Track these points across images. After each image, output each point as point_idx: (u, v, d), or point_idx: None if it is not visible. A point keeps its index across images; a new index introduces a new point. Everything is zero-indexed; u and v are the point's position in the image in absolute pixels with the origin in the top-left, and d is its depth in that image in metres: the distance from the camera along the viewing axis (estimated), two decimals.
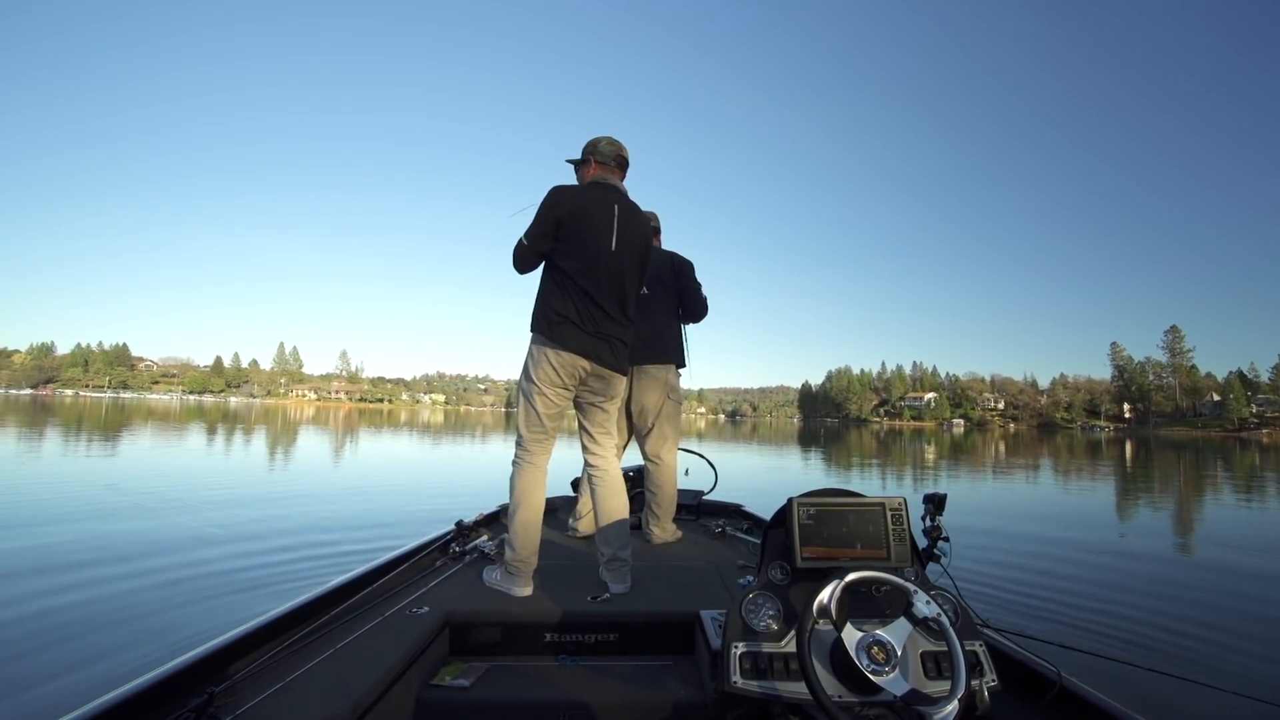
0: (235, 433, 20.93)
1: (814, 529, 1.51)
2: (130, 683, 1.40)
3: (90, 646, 2.94)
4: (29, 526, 5.29)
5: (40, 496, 6.77)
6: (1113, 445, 36.99)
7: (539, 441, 2.45)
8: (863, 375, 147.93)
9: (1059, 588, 4.21)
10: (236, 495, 7.51)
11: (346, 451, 15.75)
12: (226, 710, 1.41)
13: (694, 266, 3.42)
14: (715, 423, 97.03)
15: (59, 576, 3.92)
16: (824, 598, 1.31)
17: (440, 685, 1.82)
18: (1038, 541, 5.75)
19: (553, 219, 2.36)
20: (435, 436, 23.56)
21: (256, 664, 1.62)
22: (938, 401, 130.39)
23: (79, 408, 41.43)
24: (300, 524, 5.84)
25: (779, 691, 1.35)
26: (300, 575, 4.08)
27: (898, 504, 1.55)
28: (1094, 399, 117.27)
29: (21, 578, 3.87)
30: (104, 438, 16.06)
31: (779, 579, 1.54)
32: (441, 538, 2.90)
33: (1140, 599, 3.98)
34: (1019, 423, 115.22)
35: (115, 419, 26.75)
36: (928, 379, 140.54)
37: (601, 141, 2.57)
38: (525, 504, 2.39)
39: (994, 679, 1.40)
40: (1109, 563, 4.92)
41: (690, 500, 3.89)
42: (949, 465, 17.31)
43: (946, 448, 28.01)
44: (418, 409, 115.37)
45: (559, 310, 2.35)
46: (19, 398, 74.48)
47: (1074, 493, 11.52)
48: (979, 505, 9.05)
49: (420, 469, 12.30)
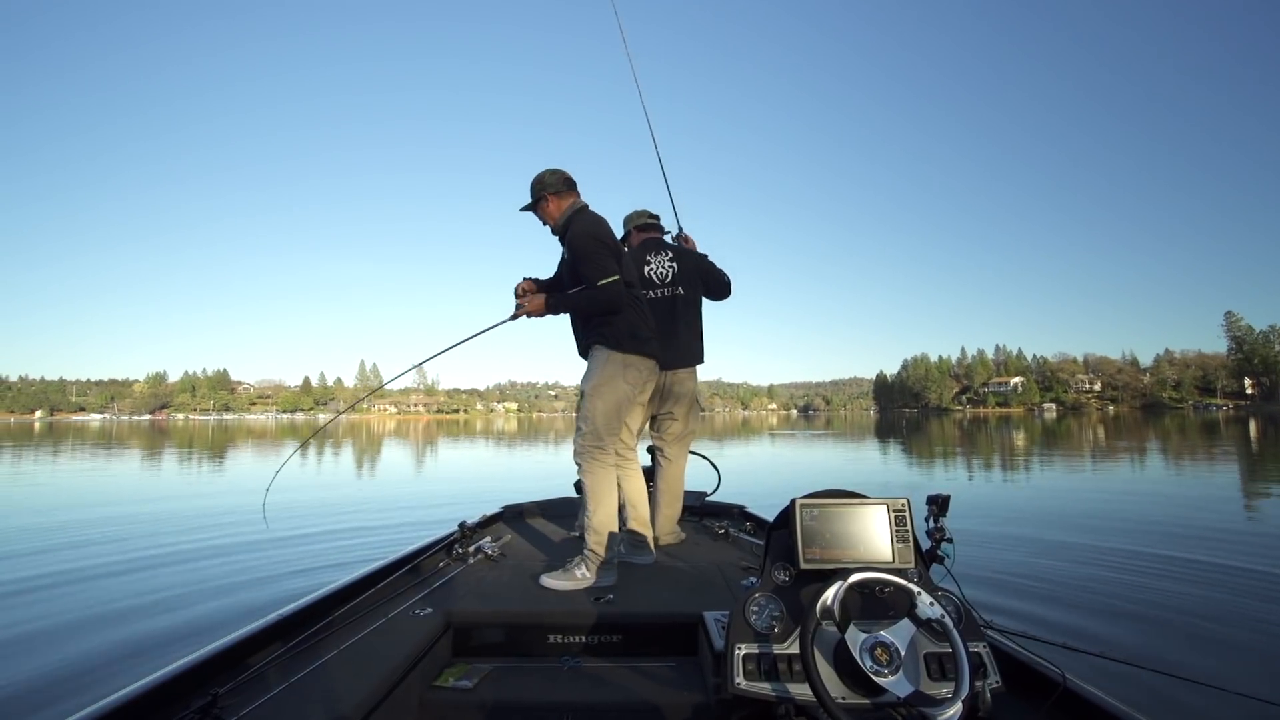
0: (328, 448, 22.18)
1: (817, 530, 1.50)
2: (134, 684, 1.41)
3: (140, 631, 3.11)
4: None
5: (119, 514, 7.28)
6: (1233, 425, 33.70)
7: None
8: (942, 362, 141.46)
9: (1064, 587, 4.11)
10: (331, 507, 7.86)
11: (441, 462, 16.32)
12: (230, 711, 1.41)
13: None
14: (787, 418, 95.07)
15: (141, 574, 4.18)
16: (827, 599, 1.33)
17: (443, 687, 1.83)
18: (1050, 542, 5.49)
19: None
20: (510, 443, 24.13)
21: (260, 665, 1.63)
22: (1025, 386, 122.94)
23: (189, 430, 45.32)
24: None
25: (782, 693, 1.34)
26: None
27: (901, 505, 1.53)
28: (1207, 375, 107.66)
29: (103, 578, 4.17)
30: (214, 456, 17.35)
31: (782, 580, 1.53)
32: (445, 539, 2.92)
33: (1147, 597, 3.86)
34: (1119, 404, 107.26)
35: (220, 439, 28.97)
36: (1013, 362, 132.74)
37: (550, 173, 2.74)
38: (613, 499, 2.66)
39: (998, 680, 1.38)
40: (1118, 563, 4.71)
41: (693, 501, 3.87)
42: (1042, 453, 16.16)
43: (1038, 434, 26.25)
44: (492, 418, 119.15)
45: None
46: (140, 423, 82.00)
47: (1188, 478, 10.46)
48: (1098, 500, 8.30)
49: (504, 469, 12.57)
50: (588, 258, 2.54)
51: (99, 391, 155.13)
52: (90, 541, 5.65)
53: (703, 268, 3.41)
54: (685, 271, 3.31)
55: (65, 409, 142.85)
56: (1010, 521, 6.36)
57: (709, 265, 3.44)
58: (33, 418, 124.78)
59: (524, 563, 2.80)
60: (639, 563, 2.75)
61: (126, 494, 9.40)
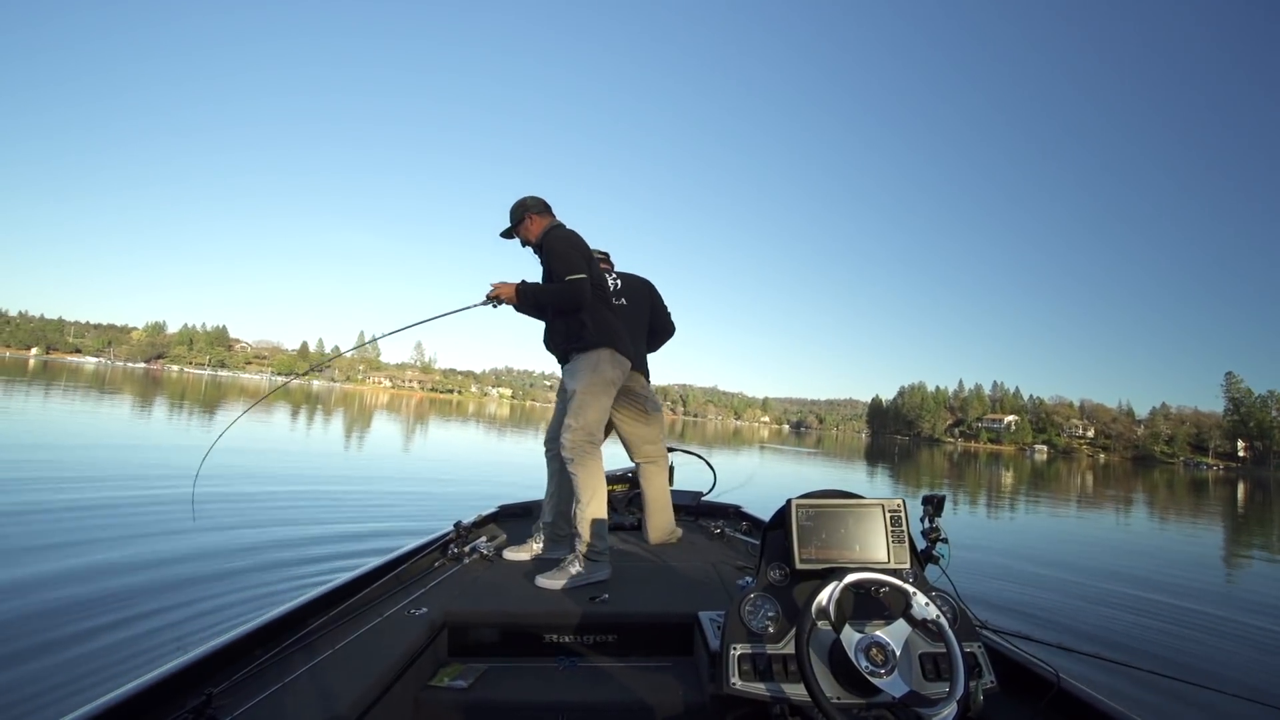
0: (318, 416, 22.12)
1: (813, 530, 1.51)
2: (128, 684, 1.40)
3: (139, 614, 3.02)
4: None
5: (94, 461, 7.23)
6: (1222, 485, 33.70)
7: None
8: (938, 393, 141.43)
9: (1058, 590, 4.15)
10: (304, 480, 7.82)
11: (439, 441, 16.26)
12: (225, 711, 1.40)
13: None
14: (779, 432, 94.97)
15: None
16: (823, 599, 1.32)
17: (439, 686, 1.82)
18: (1046, 553, 5.62)
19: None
20: (500, 429, 24.08)
21: (255, 665, 1.62)
22: (1019, 425, 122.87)
23: (183, 382, 45.03)
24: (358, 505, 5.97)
25: (777, 693, 1.34)
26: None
27: (896, 505, 1.54)
28: (1201, 433, 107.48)
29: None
30: (204, 411, 17.28)
31: (778, 580, 1.53)
32: (440, 539, 2.90)
33: (1138, 602, 3.93)
34: (1110, 453, 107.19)
35: (213, 395, 28.82)
36: (1009, 400, 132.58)
37: (531, 198, 2.99)
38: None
39: (992, 680, 1.39)
40: (1108, 567, 4.83)
41: (689, 501, 3.90)
42: (1029, 495, 16.16)
43: (1026, 474, 26.25)
44: (485, 401, 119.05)
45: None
46: (134, 370, 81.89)
47: (1173, 535, 10.47)
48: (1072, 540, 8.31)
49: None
50: (560, 255, 2.76)
51: (96, 335, 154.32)
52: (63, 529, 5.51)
53: (651, 295, 3.51)
54: (629, 288, 3.44)
55: (61, 348, 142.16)
56: (994, 553, 6.36)
57: (657, 296, 3.54)
58: (28, 354, 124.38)
59: (519, 563, 2.80)
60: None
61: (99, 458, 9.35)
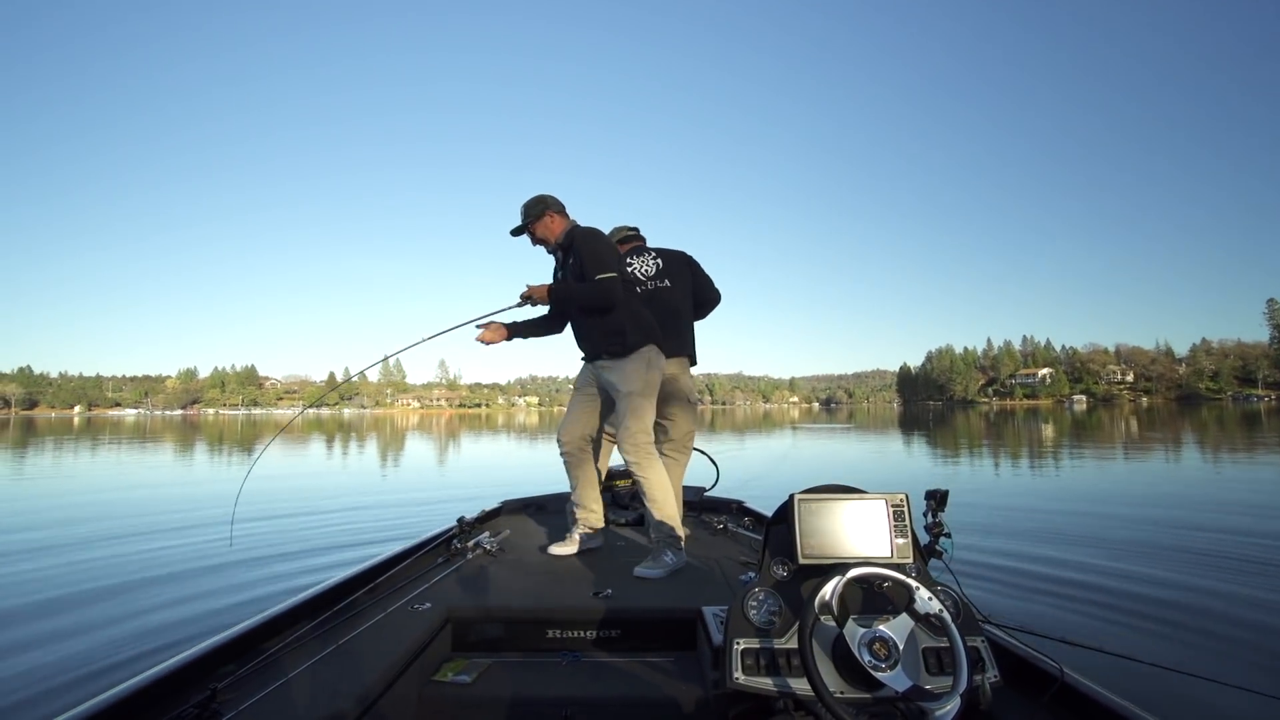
0: (352, 442, 22.50)
1: (816, 525, 1.50)
2: (133, 678, 1.42)
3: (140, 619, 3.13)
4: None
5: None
6: (1275, 416, 32.52)
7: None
8: (967, 354, 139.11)
9: (1063, 581, 4.09)
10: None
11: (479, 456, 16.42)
12: (229, 706, 1.40)
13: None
14: (809, 411, 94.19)
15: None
16: (826, 593, 1.32)
17: (443, 681, 1.83)
18: (1045, 535, 5.46)
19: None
20: (532, 438, 24.27)
21: (259, 660, 1.63)
22: (1054, 377, 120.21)
23: (219, 424, 46.29)
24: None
25: (781, 688, 1.34)
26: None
27: (899, 500, 1.54)
28: (1247, 365, 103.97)
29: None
30: (242, 449, 17.70)
31: (781, 575, 1.53)
32: (444, 534, 2.93)
33: (1144, 592, 3.86)
34: (1153, 396, 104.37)
35: (249, 433, 29.53)
36: (1041, 353, 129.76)
37: (549, 196, 2.98)
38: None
39: (996, 674, 1.38)
40: (1114, 556, 4.67)
41: (692, 496, 3.86)
42: (1072, 446, 15.77)
43: (1066, 427, 25.64)
44: (514, 412, 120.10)
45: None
46: (173, 418, 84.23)
47: (1233, 482, 10.10)
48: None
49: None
50: (593, 254, 2.75)
51: (133, 387, 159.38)
52: (91, 535, 5.76)
53: (692, 266, 3.44)
54: (671, 265, 3.36)
55: (102, 404, 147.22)
56: (1029, 512, 6.22)
57: (697, 266, 3.47)
58: (72, 413, 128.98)
59: (523, 558, 2.83)
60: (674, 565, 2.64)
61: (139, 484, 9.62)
